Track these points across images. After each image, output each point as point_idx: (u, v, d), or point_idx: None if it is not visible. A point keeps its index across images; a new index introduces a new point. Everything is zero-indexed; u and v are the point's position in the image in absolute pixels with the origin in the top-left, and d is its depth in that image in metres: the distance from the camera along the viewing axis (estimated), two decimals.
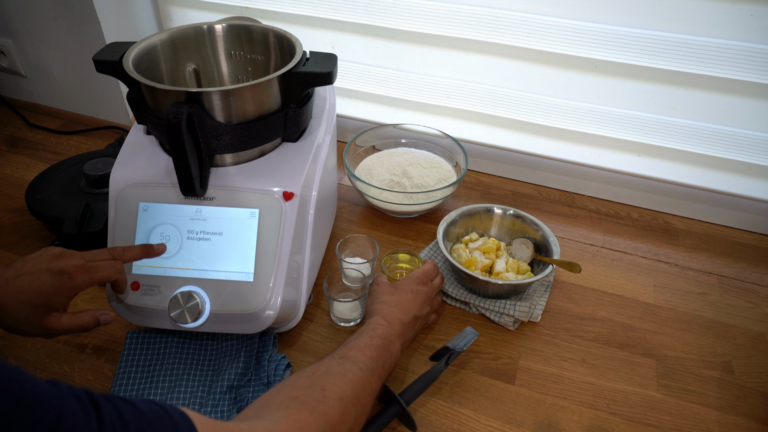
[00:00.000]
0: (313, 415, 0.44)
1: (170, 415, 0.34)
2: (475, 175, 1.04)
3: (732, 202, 0.91)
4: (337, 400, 0.47)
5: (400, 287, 0.67)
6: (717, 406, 0.65)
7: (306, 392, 0.47)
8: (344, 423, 0.47)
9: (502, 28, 0.87)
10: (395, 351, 0.60)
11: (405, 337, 0.64)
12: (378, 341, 0.57)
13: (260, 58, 0.73)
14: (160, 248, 0.61)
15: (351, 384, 0.50)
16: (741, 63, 0.77)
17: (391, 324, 0.61)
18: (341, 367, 0.52)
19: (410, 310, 0.65)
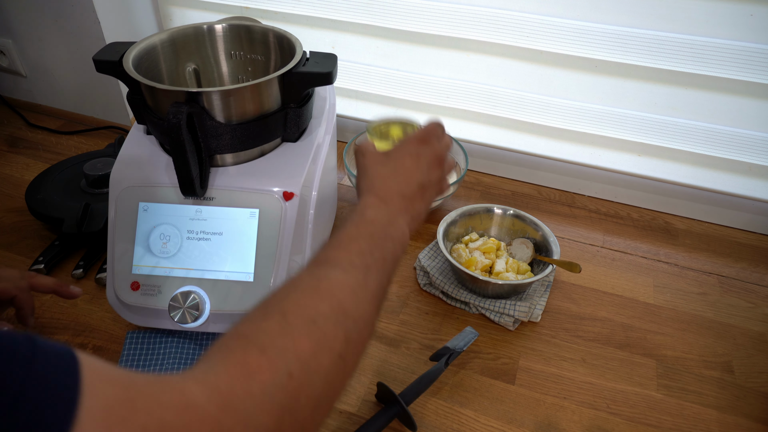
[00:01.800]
0: (265, 353, 0.31)
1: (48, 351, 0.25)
2: (475, 175, 1.04)
3: (732, 202, 0.91)
4: (307, 324, 0.34)
5: (394, 154, 0.51)
6: (717, 406, 0.65)
7: (258, 325, 0.33)
8: (329, 351, 0.34)
9: (502, 28, 0.87)
10: (399, 234, 0.45)
11: (411, 213, 0.48)
12: (369, 228, 0.43)
13: (260, 58, 0.73)
14: (75, 291, 0.61)
15: (329, 296, 0.36)
16: (741, 63, 0.77)
17: (385, 201, 0.47)
18: (313, 278, 0.38)
19: (412, 178, 0.49)
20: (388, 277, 0.43)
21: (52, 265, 0.79)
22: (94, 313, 0.73)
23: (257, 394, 0.29)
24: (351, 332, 0.36)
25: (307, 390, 0.31)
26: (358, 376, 0.66)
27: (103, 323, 0.72)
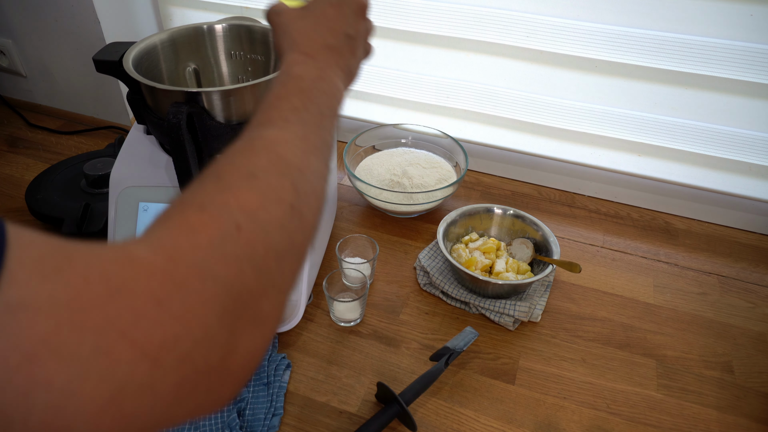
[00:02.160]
0: (205, 210, 0.28)
1: None
2: (475, 175, 1.04)
3: (732, 202, 0.91)
4: (246, 178, 0.31)
5: (313, 6, 0.47)
6: (717, 406, 0.65)
7: (193, 191, 0.31)
8: (277, 201, 0.31)
9: (502, 28, 0.87)
10: (332, 87, 0.42)
11: (342, 67, 0.45)
12: (298, 84, 0.40)
13: (260, 58, 0.73)
14: None
15: (266, 151, 0.33)
16: (741, 63, 0.77)
17: (311, 55, 0.43)
18: (245, 141, 0.35)
19: (338, 28, 0.45)
20: (329, 132, 0.40)
21: None
22: None
23: (205, 246, 0.26)
24: (299, 182, 0.33)
25: (262, 240, 0.29)
26: (357, 376, 0.66)
27: None
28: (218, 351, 0.25)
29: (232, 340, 0.26)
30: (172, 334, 0.23)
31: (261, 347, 0.29)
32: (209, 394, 0.26)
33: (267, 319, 0.29)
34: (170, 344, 0.23)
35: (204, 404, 0.26)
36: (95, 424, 0.21)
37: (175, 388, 0.23)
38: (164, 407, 0.24)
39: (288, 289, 0.31)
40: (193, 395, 0.25)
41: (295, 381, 0.65)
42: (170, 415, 0.24)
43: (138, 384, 0.22)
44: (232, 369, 0.27)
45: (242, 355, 0.27)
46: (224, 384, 0.27)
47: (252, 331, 0.27)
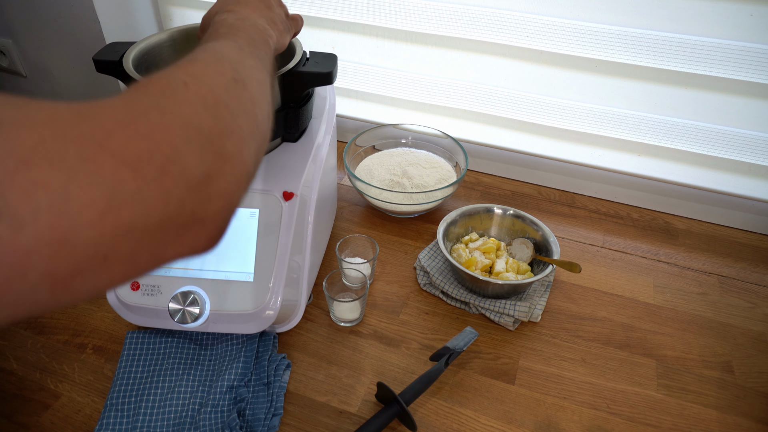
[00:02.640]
0: (154, 77, 0.31)
1: None
2: (475, 175, 1.04)
3: (732, 202, 0.91)
4: (188, 61, 0.34)
5: None
6: (717, 406, 0.65)
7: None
8: (219, 73, 0.34)
9: (502, 28, 0.87)
10: (256, 24, 0.47)
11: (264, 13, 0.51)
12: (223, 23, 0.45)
13: None
14: None
15: (203, 50, 0.37)
16: (741, 63, 0.77)
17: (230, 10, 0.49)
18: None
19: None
20: (265, 53, 0.43)
21: None
22: (94, 313, 0.73)
23: (157, 93, 0.29)
24: (237, 67, 0.36)
25: (210, 94, 0.32)
26: (358, 375, 0.66)
27: (103, 323, 0.72)
28: (194, 172, 0.28)
29: (203, 167, 0.28)
30: (145, 149, 0.26)
31: (235, 186, 0.31)
32: (196, 217, 0.28)
33: (233, 159, 0.31)
34: (146, 157, 0.25)
35: (193, 228, 0.28)
36: (98, 231, 0.23)
37: (163, 198, 0.26)
38: (158, 220, 0.26)
39: (249, 142, 0.33)
40: (181, 211, 0.27)
41: (295, 381, 0.65)
42: (165, 231, 0.27)
43: (127, 192, 0.24)
44: (212, 197, 0.29)
45: (220, 186, 0.30)
46: (207, 209, 0.29)
47: (221, 166, 0.30)
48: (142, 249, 0.26)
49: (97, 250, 0.24)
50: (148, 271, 0.28)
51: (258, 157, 0.36)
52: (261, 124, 0.37)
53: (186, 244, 0.29)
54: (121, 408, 0.60)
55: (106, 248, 0.24)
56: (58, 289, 0.23)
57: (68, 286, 0.24)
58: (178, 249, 0.29)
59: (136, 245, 0.25)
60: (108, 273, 0.25)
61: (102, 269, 0.24)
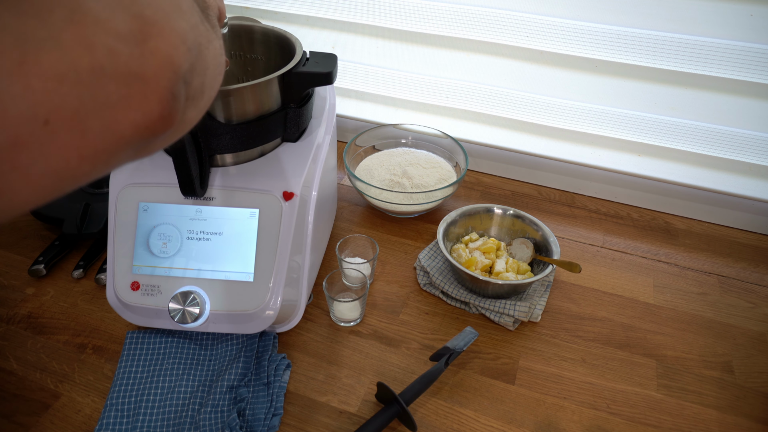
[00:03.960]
0: None
1: None
2: (475, 175, 1.04)
3: (732, 202, 0.91)
4: None
5: None
6: (717, 406, 0.65)
7: None
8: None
9: (502, 28, 0.87)
10: None
11: None
12: None
13: (260, 58, 0.73)
14: None
15: None
16: (741, 63, 0.77)
17: None
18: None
19: None
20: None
21: (52, 265, 0.79)
22: (94, 313, 0.73)
23: None
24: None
25: None
26: (357, 375, 0.66)
27: (103, 323, 0.72)
28: (109, 23, 0.25)
29: (120, 22, 0.25)
30: (42, 3, 0.22)
31: (167, 46, 0.28)
32: (136, 72, 0.25)
33: (157, 23, 0.28)
34: (46, 6, 0.22)
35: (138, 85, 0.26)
36: (22, 81, 0.21)
37: (83, 44, 0.23)
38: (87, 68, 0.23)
39: (175, 18, 0.30)
40: (113, 62, 0.24)
41: (295, 381, 0.65)
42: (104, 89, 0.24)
43: (38, 38, 0.22)
44: (146, 54, 0.26)
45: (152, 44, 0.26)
46: (146, 65, 0.26)
47: (144, 27, 0.26)
48: (85, 108, 0.23)
49: (33, 109, 0.21)
50: (106, 150, 0.25)
51: (199, 46, 0.32)
52: (188, 12, 0.32)
53: (135, 108, 0.26)
54: (121, 408, 0.60)
55: (41, 106, 0.21)
56: (5, 169, 0.21)
57: (15, 163, 0.21)
58: (129, 116, 0.25)
59: (75, 102, 0.22)
60: (56, 142, 0.22)
61: (47, 136, 0.22)
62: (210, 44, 0.36)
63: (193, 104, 0.33)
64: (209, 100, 0.36)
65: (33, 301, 0.74)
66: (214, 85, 0.36)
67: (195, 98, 0.33)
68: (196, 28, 0.33)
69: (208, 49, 0.35)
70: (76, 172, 0.25)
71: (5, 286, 0.76)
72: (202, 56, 0.33)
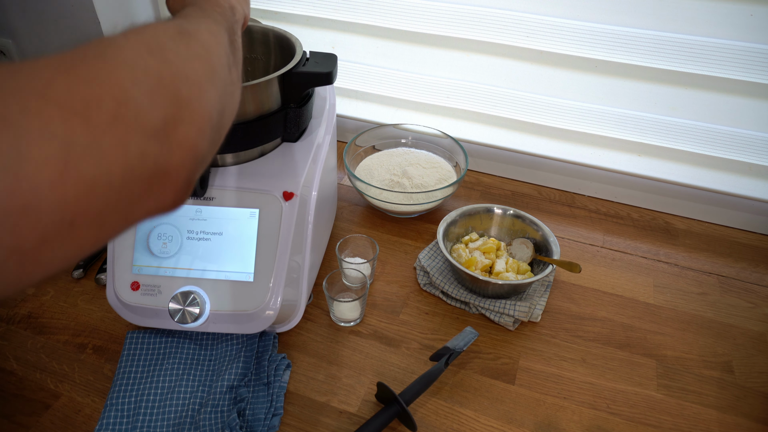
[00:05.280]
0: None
1: None
2: (475, 175, 1.04)
3: (732, 202, 0.91)
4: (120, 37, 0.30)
5: None
6: (717, 406, 0.65)
7: None
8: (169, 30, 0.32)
9: (502, 28, 0.87)
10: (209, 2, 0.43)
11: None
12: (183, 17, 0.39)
13: (260, 58, 0.73)
14: None
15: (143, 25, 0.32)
16: (741, 63, 0.77)
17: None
18: None
19: None
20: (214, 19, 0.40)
21: None
22: (94, 313, 0.73)
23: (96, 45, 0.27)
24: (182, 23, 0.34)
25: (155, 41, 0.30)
26: (357, 375, 0.66)
27: (103, 323, 0.72)
28: (148, 117, 0.26)
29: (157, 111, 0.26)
30: (92, 94, 0.23)
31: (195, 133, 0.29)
32: (159, 169, 0.27)
33: (190, 104, 0.29)
34: (94, 103, 0.23)
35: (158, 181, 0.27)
36: (61, 191, 0.21)
37: (120, 149, 0.24)
38: (120, 173, 0.24)
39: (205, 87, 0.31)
40: (143, 163, 0.25)
41: (295, 381, 0.65)
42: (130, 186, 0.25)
43: (82, 144, 0.22)
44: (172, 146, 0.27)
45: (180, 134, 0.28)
46: (170, 160, 0.27)
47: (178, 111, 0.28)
48: (109, 208, 0.24)
49: (63, 214, 0.22)
50: (118, 233, 0.27)
51: (223, 107, 0.34)
52: (219, 71, 0.34)
53: (153, 199, 0.27)
54: (121, 408, 0.60)
55: (71, 211, 0.22)
56: (27, 262, 0.22)
57: (37, 258, 0.22)
58: (145, 206, 0.27)
59: (102, 205, 0.24)
60: (77, 239, 0.23)
61: (70, 235, 0.23)
62: (232, 98, 0.36)
63: (204, 167, 0.33)
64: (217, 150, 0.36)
65: (33, 301, 0.74)
66: (225, 134, 0.37)
67: (207, 162, 0.33)
68: (225, 88, 0.34)
69: (230, 106, 0.36)
70: (86, 253, 0.26)
71: None
72: (223, 120, 0.34)
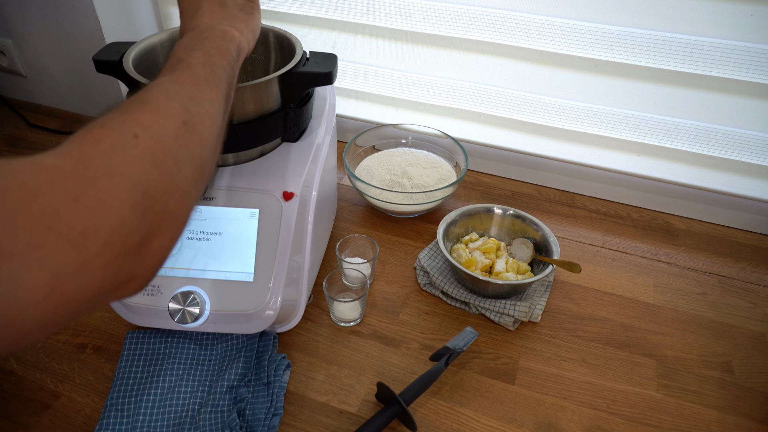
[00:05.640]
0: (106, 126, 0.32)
1: None
2: (475, 175, 1.04)
3: (732, 202, 0.91)
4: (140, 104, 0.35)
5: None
6: (717, 406, 0.65)
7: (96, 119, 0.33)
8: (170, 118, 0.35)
9: (502, 28, 0.87)
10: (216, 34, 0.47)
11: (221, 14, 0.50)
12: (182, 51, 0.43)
13: (260, 58, 0.73)
14: None
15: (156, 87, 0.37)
16: (741, 63, 0.77)
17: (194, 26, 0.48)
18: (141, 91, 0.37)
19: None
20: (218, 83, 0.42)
21: None
22: (94, 313, 0.73)
23: (108, 151, 0.30)
24: (190, 106, 0.37)
25: (160, 146, 0.33)
26: (357, 375, 0.66)
27: (103, 323, 0.72)
28: (134, 238, 0.30)
29: (143, 230, 0.30)
30: (92, 224, 0.27)
31: (169, 241, 0.33)
32: (129, 277, 0.31)
33: (173, 216, 0.33)
34: (91, 233, 0.27)
35: (126, 285, 0.31)
36: (42, 310, 0.26)
37: (102, 270, 0.28)
38: (96, 289, 0.28)
39: (191, 192, 0.36)
40: (117, 277, 0.30)
41: (295, 381, 0.65)
42: (101, 296, 0.29)
43: (71, 270, 0.26)
44: (146, 256, 0.31)
45: (155, 245, 0.32)
46: (141, 269, 0.31)
47: (160, 224, 0.32)
48: (80, 313, 0.29)
49: (41, 324, 0.26)
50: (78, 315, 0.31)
51: (204, 183, 0.38)
52: (206, 166, 0.38)
53: (115, 298, 0.32)
54: (121, 408, 0.60)
55: (48, 321, 0.26)
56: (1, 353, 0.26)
57: (11, 350, 0.26)
58: (107, 303, 0.33)
59: (74, 312, 0.28)
60: (46, 333, 0.28)
61: (41, 333, 0.27)
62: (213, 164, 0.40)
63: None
64: None
65: None
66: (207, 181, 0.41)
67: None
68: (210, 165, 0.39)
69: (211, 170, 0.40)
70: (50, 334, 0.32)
71: None
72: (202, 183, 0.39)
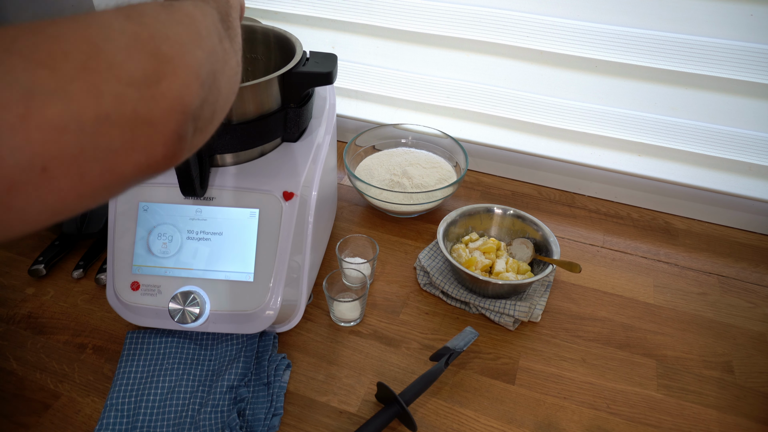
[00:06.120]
0: None
1: None
2: (475, 175, 1.04)
3: (732, 202, 0.91)
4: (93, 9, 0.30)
5: None
6: (717, 406, 0.65)
7: None
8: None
9: (502, 28, 0.87)
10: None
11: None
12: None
13: (260, 58, 0.73)
14: None
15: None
16: (741, 63, 0.77)
17: None
18: None
19: None
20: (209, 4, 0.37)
21: (52, 265, 0.79)
22: (94, 313, 0.73)
23: None
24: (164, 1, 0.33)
25: (129, 9, 0.29)
26: (357, 376, 0.66)
27: (103, 323, 0.72)
28: (124, 67, 0.26)
29: (135, 64, 0.26)
30: (58, 49, 0.24)
31: (180, 86, 0.29)
32: (138, 113, 0.26)
33: (173, 60, 0.29)
34: (60, 55, 0.23)
35: (140, 127, 0.26)
36: (22, 134, 0.21)
37: (91, 94, 0.24)
38: (92, 118, 0.24)
39: (193, 52, 0.31)
40: (120, 109, 0.25)
41: (295, 381, 0.65)
42: (107, 137, 0.25)
43: (46, 90, 0.22)
44: (156, 96, 0.27)
45: (162, 88, 0.27)
46: (155, 109, 0.27)
47: (160, 66, 0.28)
48: (85, 155, 0.24)
49: (31, 158, 0.22)
50: (106, 188, 0.26)
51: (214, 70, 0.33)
52: (205, 37, 0.33)
53: (140, 152, 0.26)
54: (121, 408, 0.60)
55: (40, 155, 0.22)
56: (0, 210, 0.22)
57: (9, 204, 0.22)
58: (132, 159, 0.26)
59: (76, 150, 0.23)
60: (53, 186, 0.23)
61: (44, 182, 0.22)
62: (226, 66, 0.35)
63: (202, 133, 0.33)
64: (219, 122, 0.35)
65: (33, 301, 0.74)
66: (226, 106, 0.36)
67: (204, 128, 0.33)
68: (214, 53, 0.34)
69: (223, 73, 0.35)
70: (73, 207, 0.25)
71: (5, 286, 0.77)
72: (216, 84, 0.34)
